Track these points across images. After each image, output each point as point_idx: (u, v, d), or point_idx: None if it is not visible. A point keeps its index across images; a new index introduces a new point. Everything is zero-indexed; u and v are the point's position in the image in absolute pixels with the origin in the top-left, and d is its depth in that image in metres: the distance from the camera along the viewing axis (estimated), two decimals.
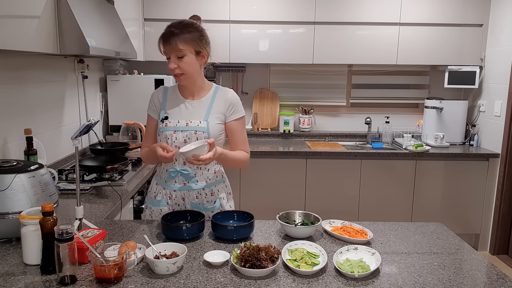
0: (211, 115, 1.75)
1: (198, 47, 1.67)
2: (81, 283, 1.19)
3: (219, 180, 1.85)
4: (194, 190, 1.78)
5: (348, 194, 3.60)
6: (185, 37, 1.64)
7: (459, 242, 1.57)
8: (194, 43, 1.66)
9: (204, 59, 1.72)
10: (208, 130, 1.72)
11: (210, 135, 1.72)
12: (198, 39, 1.67)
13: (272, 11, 3.66)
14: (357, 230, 1.61)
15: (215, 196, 1.82)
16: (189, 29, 1.66)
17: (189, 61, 1.67)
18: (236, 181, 3.56)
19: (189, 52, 1.66)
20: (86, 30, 1.95)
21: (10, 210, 1.41)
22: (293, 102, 4.18)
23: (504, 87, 3.56)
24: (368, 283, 1.24)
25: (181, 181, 1.78)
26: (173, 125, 1.73)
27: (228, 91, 1.81)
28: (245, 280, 1.23)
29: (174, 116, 1.76)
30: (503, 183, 3.54)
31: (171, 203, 1.81)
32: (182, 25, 1.66)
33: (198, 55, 1.69)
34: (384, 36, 3.71)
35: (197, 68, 1.71)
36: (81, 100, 2.95)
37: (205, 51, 1.70)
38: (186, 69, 1.67)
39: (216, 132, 1.75)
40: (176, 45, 1.63)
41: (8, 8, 1.50)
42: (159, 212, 1.82)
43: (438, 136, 3.75)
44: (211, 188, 1.81)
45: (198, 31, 1.68)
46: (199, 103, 1.77)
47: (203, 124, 1.72)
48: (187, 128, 1.72)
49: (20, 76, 2.17)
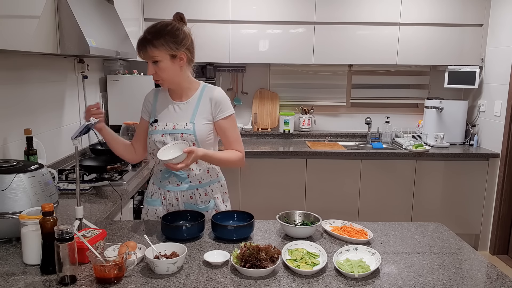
0: (198, 116, 1.72)
1: (172, 50, 1.62)
2: (81, 283, 1.19)
3: (213, 180, 1.84)
4: (188, 191, 1.78)
5: (348, 194, 3.60)
6: (157, 43, 1.59)
7: (459, 242, 1.57)
8: (167, 48, 1.60)
9: (183, 61, 1.66)
10: (195, 132, 1.70)
11: (197, 136, 1.70)
12: (172, 43, 1.61)
13: (272, 11, 3.66)
14: (357, 230, 1.61)
15: (209, 196, 1.82)
16: (161, 34, 1.60)
17: (165, 66, 1.63)
18: (236, 181, 3.56)
19: (164, 58, 1.61)
20: (86, 30, 1.95)
21: (10, 210, 1.41)
22: (293, 102, 4.18)
23: (504, 87, 3.56)
24: (368, 283, 1.24)
25: (174, 181, 1.78)
26: (161, 128, 1.73)
27: (214, 89, 1.76)
28: (245, 280, 1.23)
29: (163, 119, 1.75)
30: (503, 183, 3.54)
31: (165, 203, 1.82)
32: (154, 30, 1.62)
33: (174, 58, 1.64)
34: (384, 36, 3.71)
35: (175, 71, 1.67)
36: (81, 100, 2.95)
37: (181, 53, 1.64)
38: (163, 75, 1.65)
39: (204, 133, 1.72)
40: (148, 52, 1.60)
41: (8, 8, 1.50)
42: (154, 212, 1.84)
43: (438, 136, 3.75)
44: (205, 188, 1.81)
45: (172, 33, 1.62)
46: (186, 104, 1.75)
47: (189, 126, 1.70)
48: (174, 131, 1.71)
49: (20, 76, 2.17)
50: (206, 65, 3.93)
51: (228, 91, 4.14)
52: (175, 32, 1.64)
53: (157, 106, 1.79)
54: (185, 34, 1.66)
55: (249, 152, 3.50)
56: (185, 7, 3.58)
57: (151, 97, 1.83)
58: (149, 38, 1.60)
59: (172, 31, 1.63)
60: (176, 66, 1.66)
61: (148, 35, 1.61)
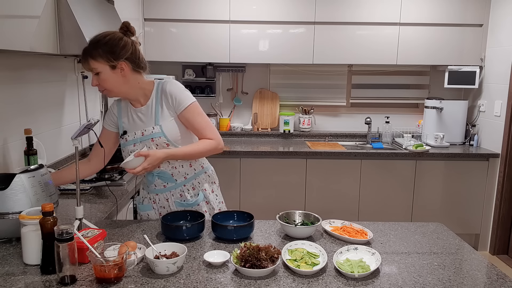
0: (161, 117, 1.70)
1: (111, 61, 1.59)
2: (81, 283, 1.19)
3: (198, 172, 1.84)
4: (176, 189, 1.80)
5: (348, 194, 3.60)
6: (95, 54, 1.58)
7: (459, 242, 1.57)
8: (105, 59, 1.58)
9: (124, 71, 1.62)
10: (164, 133, 1.69)
11: (168, 137, 1.69)
12: (109, 53, 1.58)
13: (272, 11, 3.66)
14: (357, 230, 1.61)
15: (197, 190, 1.83)
16: (98, 45, 1.58)
17: (105, 77, 1.61)
18: (236, 181, 3.56)
19: (103, 69, 1.59)
20: (86, 30, 1.95)
21: (10, 210, 1.41)
22: (293, 102, 4.18)
23: (504, 87, 3.56)
24: (368, 283, 1.24)
25: (160, 183, 1.79)
26: (131, 138, 1.73)
27: (166, 83, 1.72)
28: (245, 280, 1.23)
29: (130, 129, 1.75)
30: (503, 183, 3.54)
31: (156, 207, 1.84)
32: (93, 41, 1.61)
33: (114, 69, 1.60)
34: (384, 36, 3.71)
35: (118, 82, 1.63)
36: (81, 100, 2.94)
37: (121, 63, 1.60)
38: (106, 85, 1.63)
39: (175, 130, 1.71)
40: (89, 63, 1.60)
41: (8, 8, 1.50)
42: (146, 216, 1.86)
43: (438, 136, 3.75)
44: (191, 182, 1.82)
45: (109, 45, 1.59)
46: (146, 108, 1.72)
47: (157, 129, 1.69)
48: (143, 138, 1.70)
49: (20, 76, 2.17)
50: (206, 65, 3.93)
51: (228, 91, 4.14)
52: (113, 42, 1.60)
53: (122, 117, 1.78)
54: (125, 45, 1.61)
55: (249, 152, 3.50)
56: (185, 7, 3.58)
57: (114, 108, 1.81)
58: (88, 49, 1.60)
59: (109, 42, 1.59)
60: (117, 76, 1.62)
61: (88, 46, 1.61)
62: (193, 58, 3.71)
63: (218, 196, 1.92)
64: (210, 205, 1.87)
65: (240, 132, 4.10)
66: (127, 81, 1.66)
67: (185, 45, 3.66)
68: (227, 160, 3.52)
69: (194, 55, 3.70)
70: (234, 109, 4.18)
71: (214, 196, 1.89)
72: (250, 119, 4.20)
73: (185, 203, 1.80)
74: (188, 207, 1.80)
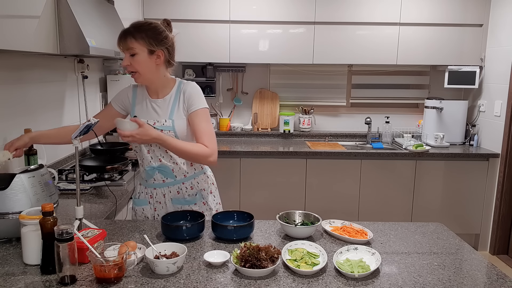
0: (176, 113, 1.74)
1: (152, 46, 1.65)
2: (81, 283, 1.19)
3: (198, 172, 1.86)
4: (175, 186, 1.81)
5: (348, 194, 3.60)
6: (138, 36, 1.63)
7: (459, 242, 1.57)
8: (146, 42, 1.64)
9: (160, 59, 1.69)
10: (174, 128, 1.72)
11: (176, 132, 1.72)
12: (152, 38, 1.65)
13: (272, 11, 3.66)
14: (357, 230, 1.61)
15: (195, 189, 1.84)
16: (143, 28, 1.65)
17: (141, 59, 1.65)
18: (236, 181, 3.56)
19: (141, 51, 1.64)
20: (86, 30, 1.95)
21: (10, 210, 1.41)
22: (293, 102, 4.18)
23: (504, 87, 3.56)
24: (368, 283, 1.24)
25: (159, 178, 1.80)
26: None
27: (188, 84, 1.78)
28: (245, 280, 1.23)
29: (142, 116, 1.77)
30: (503, 183, 3.54)
31: (152, 202, 1.84)
32: (138, 24, 1.68)
33: (151, 54, 1.66)
34: (384, 36, 3.71)
35: (151, 67, 1.68)
36: (81, 100, 2.94)
37: (159, 51, 1.67)
38: (138, 68, 1.67)
39: (183, 129, 1.74)
40: (127, 43, 1.64)
41: (8, 8, 1.50)
42: (141, 211, 1.87)
43: (438, 136, 3.75)
44: (190, 181, 1.83)
45: (154, 31, 1.66)
46: (163, 101, 1.77)
47: (168, 123, 1.73)
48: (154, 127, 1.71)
49: (20, 76, 2.17)
50: (206, 65, 3.93)
51: (228, 91, 4.14)
52: (158, 30, 1.68)
53: (136, 104, 1.81)
54: (167, 36, 1.70)
55: (249, 152, 3.50)
56: (185, 7, 3.58)
57: (129, 92, 1.84)
58: (131, 30, 1.65)
59: (155, 29, 1.67)
60: (152, 62, 1.68)
61: (131, 27, 1.66)
62: (193, 58, 3.71)
63: (215, 197, 1.94)
64: (207, 205, 1.88)
65: (240, 132, 4.10)
66: (157, 70, 1.71)
67: (185, 45, 3.66)
68: (227, 160, 3.52)
69: (194, 55, 3.70)
70: (234, 109, 4.18)
71: (212, 197, 1.91)
72: (250, 119, 4.20)
73: (182, 200, 1.82)
74: (185, 204, 1.82)
